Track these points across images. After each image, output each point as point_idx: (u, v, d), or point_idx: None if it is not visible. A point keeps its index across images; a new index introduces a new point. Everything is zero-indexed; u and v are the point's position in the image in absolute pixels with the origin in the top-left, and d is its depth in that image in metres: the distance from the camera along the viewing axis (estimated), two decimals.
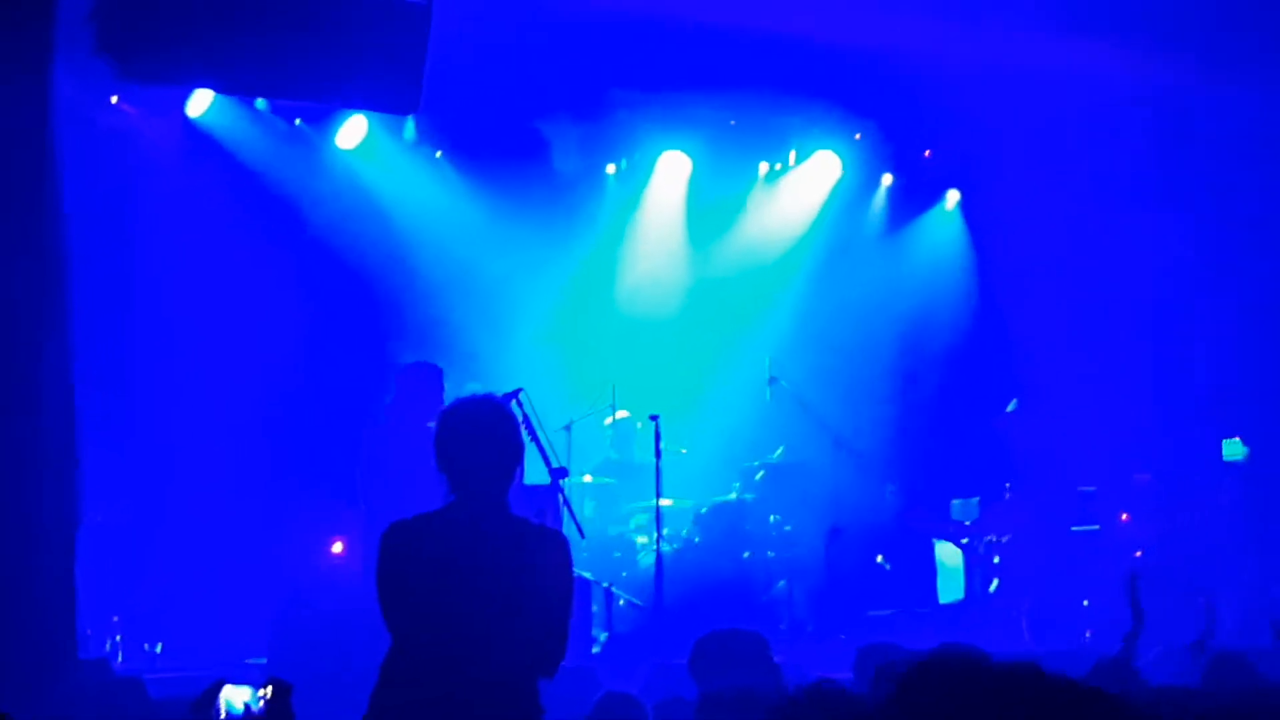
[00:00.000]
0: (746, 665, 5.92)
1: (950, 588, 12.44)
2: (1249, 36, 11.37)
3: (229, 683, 5.90)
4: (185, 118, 11.95)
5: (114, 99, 11.33)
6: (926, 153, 14.29)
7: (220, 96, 11.73)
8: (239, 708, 5.79)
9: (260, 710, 4.71)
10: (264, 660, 9.56)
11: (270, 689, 4.62)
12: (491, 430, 4.95)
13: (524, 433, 5.62)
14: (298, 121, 12.45)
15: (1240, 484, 11.21)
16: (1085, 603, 12.15)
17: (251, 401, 12.07)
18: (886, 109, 13.43)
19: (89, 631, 9.71)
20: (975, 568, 12.42)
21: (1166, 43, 11.66)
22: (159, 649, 10.85)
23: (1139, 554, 12.30)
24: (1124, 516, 12.45)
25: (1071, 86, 12.57)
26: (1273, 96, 12.21)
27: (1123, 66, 12.23)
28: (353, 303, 12.73)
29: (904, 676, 3.57)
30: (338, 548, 9.79)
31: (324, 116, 12.47)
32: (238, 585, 11.14)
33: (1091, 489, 12.58)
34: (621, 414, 12.69)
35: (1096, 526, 12.33)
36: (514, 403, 9.73)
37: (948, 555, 12.54)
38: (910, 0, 11.53)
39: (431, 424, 5.05)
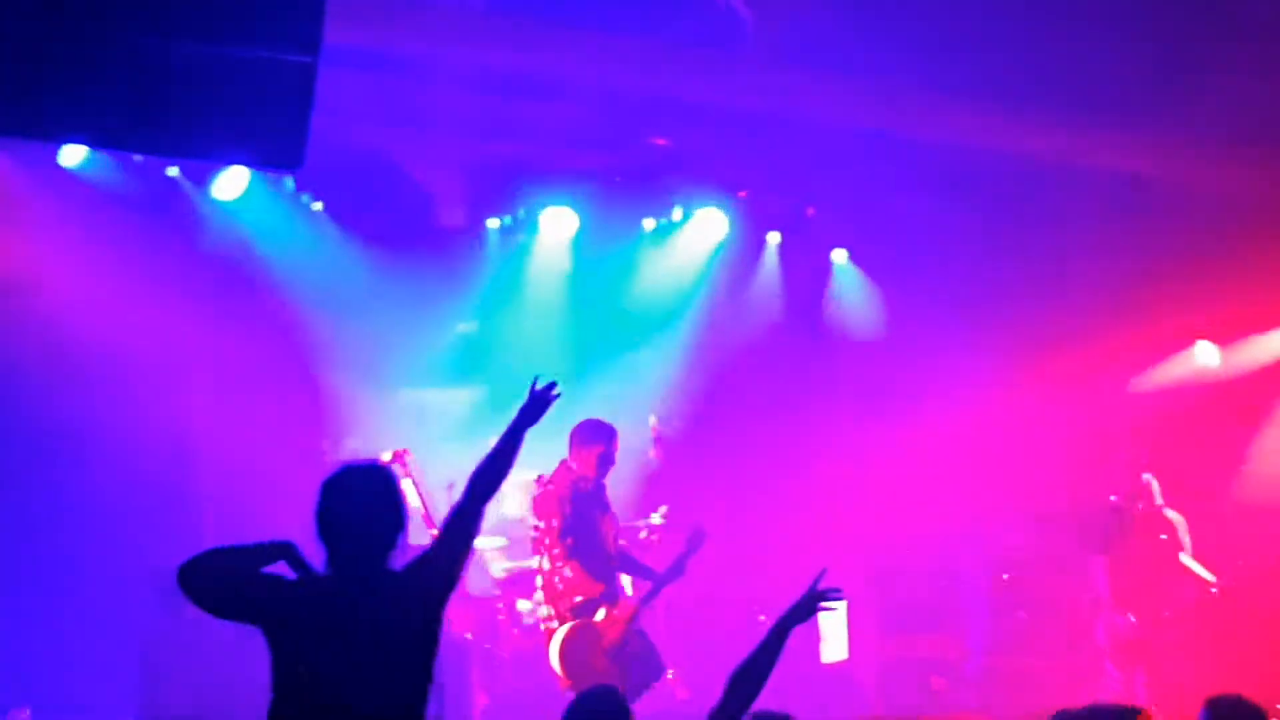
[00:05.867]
0: None
1: (834, 647, 12.42)
2: None
3: None
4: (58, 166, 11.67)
5: None
6: (810, 210, 14.32)
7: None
8: None
9: None
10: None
11: None
12: (376, 504, 4.84)
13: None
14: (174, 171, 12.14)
15: None
16: None
17: (133, 452, 11.78)
18: (769, 168, 13.47)
19: None
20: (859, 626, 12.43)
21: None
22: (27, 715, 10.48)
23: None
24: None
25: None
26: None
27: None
28: (233, 358, 12.44)
29: None
30: None
31: (203, 168, 12.21)
32: (109, 639, 10.81)
33: None
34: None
35: None
36: (397, 465, 9.64)
37: (831, 615, 12.48)
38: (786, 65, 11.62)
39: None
